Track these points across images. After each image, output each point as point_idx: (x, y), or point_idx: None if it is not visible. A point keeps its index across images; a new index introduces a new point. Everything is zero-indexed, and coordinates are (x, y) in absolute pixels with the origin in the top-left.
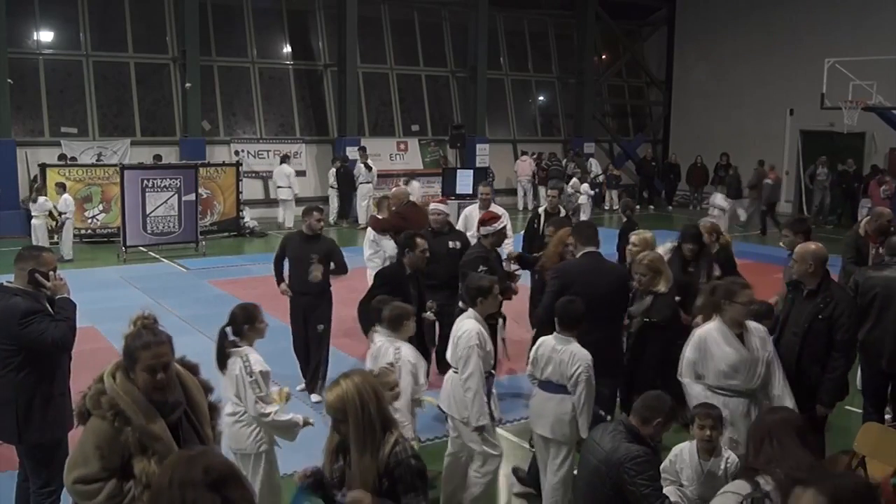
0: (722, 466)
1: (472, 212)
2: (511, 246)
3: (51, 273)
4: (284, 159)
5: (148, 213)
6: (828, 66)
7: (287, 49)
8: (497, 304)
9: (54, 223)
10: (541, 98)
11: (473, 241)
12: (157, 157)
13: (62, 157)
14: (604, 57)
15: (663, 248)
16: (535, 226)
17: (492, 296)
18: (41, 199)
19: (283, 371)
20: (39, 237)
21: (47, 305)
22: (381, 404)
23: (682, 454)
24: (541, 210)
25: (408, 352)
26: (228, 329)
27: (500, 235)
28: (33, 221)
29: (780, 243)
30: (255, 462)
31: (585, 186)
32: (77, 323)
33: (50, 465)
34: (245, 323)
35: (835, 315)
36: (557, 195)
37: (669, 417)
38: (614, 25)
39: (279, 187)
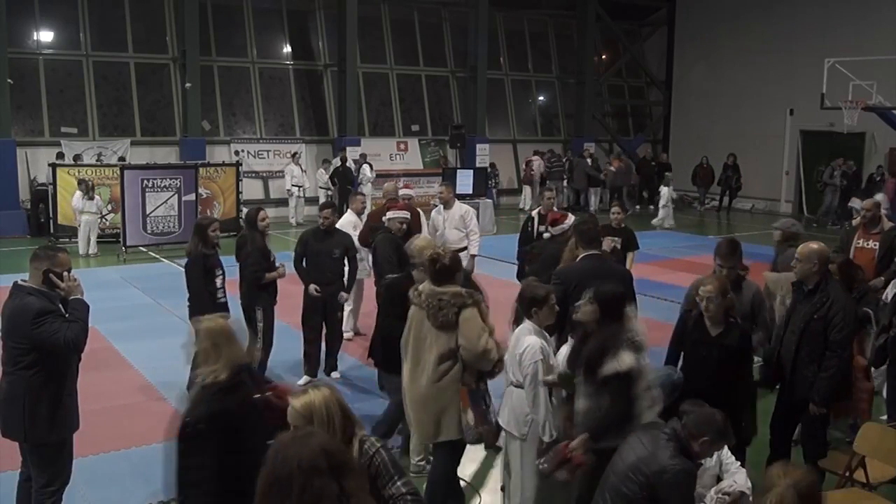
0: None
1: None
2: (476, 246)
3: (65, 274)
4: (294, 158)
5: (148, 213)
6: (828, 66)
7: (287, 49)
8: (554, 314)
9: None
10: (541, 98)
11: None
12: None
13: (59, 155)
14: (604, 57)
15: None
16: (529, 229)
17: (547, 306)
18: (97, 197)
19: (286, 373)
20: (91, 235)
21: (60, 306)
22: (345, 414)
23: None
24: (534, 213)
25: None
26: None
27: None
28: (85, 218)
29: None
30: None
31: (665, 190)
32: (89, 324)
33: (53, 464)
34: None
35: (829, 315)
36: (555, 196)
37: (717, 437)
38: (614, 25)
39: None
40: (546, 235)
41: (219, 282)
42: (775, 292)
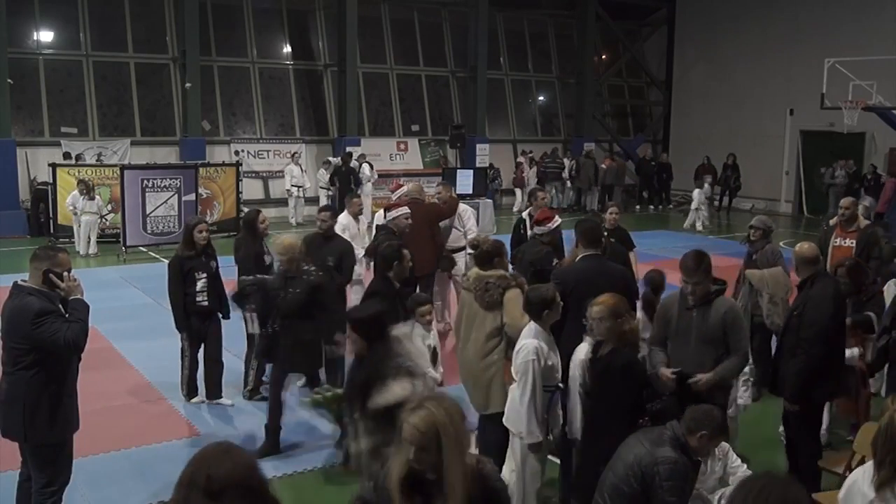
0: (718, 455)
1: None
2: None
3: (65, 274)
4: (294, 158)
5: (148, 213)
6: (828, 66)
7: (287, 49)
8: (559, 311)
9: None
10: (541, 98)
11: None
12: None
13: (66, 155)
14: (604, 57)
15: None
16: (522, 231)
17: (556, 304)
18: (97, 197)
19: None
20: (91, 236)
21: (60, 306)
22: (464, 425)
23: None
24: (524, 215)
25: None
26: None
27: (556, 234)
28: (85, 219)
29: None
30: None
31: (696, 192)
32: (90, 324)
33: (53, 464)
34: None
35: (804, 311)
36: (546, 197)
37: (716, 432)
38: (614, 25)
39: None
40: (530, 235)
41: (199, 284)
42: (761, 290)
